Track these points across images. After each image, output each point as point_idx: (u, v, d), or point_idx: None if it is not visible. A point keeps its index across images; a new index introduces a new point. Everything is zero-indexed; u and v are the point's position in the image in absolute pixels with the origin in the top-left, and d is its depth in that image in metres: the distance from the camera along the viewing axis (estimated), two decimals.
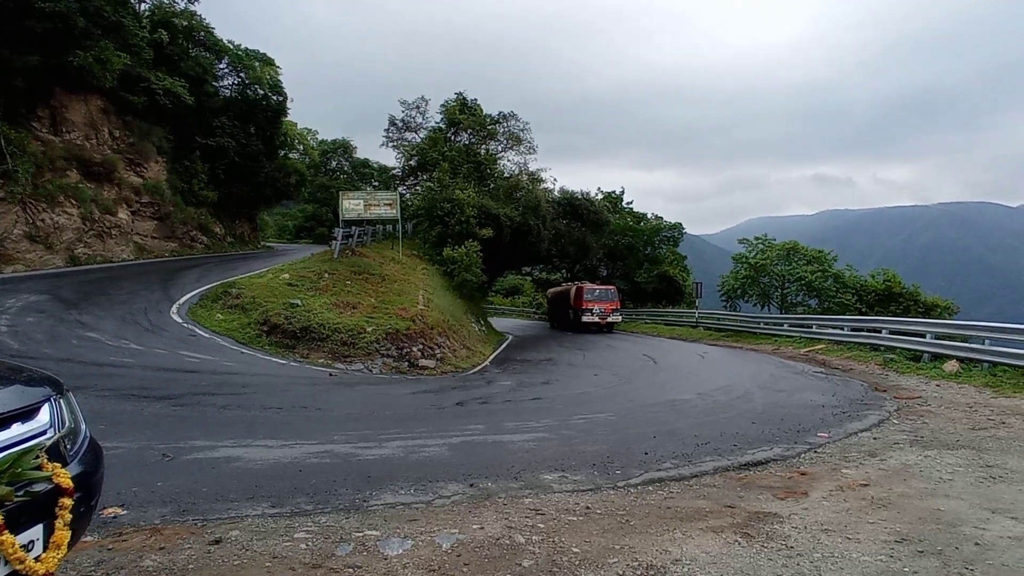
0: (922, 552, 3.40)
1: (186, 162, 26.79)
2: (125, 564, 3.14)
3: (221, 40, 29.80)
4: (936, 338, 13.25)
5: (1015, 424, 7.09)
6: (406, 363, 13.47)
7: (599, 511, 4.17)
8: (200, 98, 26.48)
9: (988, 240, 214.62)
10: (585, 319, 27.97)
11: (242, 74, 30.86)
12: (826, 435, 6.80)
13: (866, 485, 4.82)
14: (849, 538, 3.64)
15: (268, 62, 32.13)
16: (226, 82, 30.79)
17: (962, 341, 12.57)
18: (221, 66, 30.20)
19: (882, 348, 15.00)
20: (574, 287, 30.85)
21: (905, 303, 23.71)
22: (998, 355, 11.08)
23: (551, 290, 37.77)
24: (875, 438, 6.70)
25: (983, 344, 11.62)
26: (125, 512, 3.90)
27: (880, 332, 15.63)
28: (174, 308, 14.20)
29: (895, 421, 7.62)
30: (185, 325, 12.99)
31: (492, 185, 31.37)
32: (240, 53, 30.75)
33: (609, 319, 28.26)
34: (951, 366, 11.82)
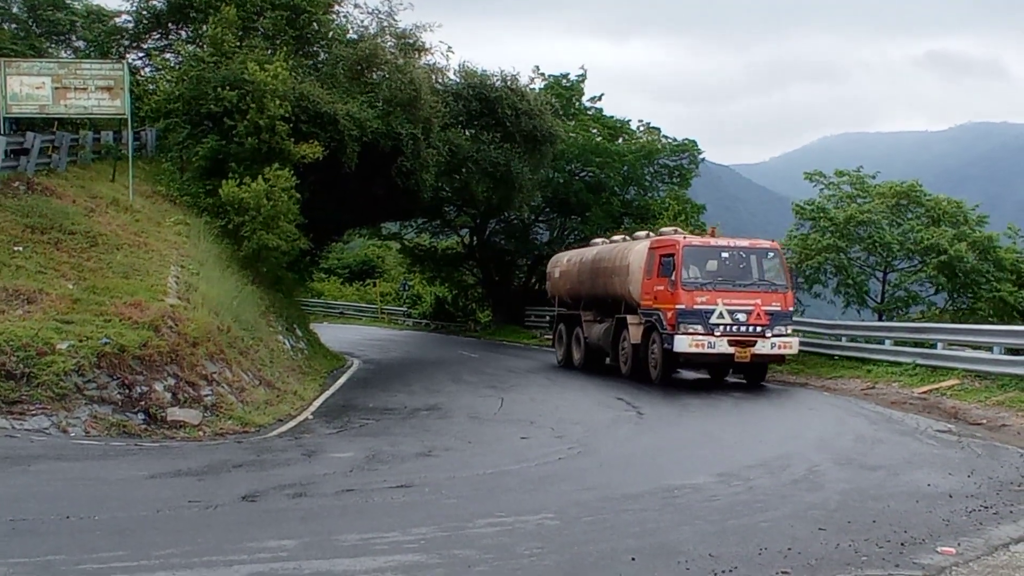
0: None
1: None
2: None
3: None
4: None
5: None
6: (140, 414, 13.27)
7: None
8: None
9: None
10: (689, 348, 18.27)
11: None
12: (952, 551, 7.19)
13: None
14: None
15: None
16: None
17: None
18: None
19: None
20: (636, 248, 21.91)
21: None
22: None
23: (565, 260, 28.73)
24: None
25: None
26: None
27: None
28: None
29: None
30: None
31: (324, 55, 31.01)
32: None
33: (765, 345, 18.55)
34: None
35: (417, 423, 16.07)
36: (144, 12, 32.54)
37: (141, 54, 32.44)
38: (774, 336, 17.36)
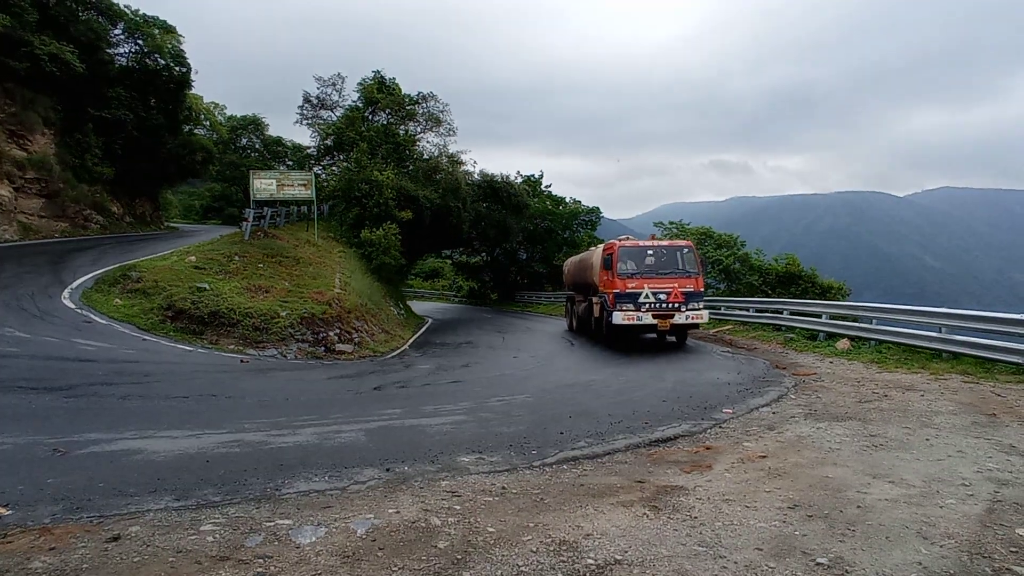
0: (811, 516, 3.72)
1: (78, 135, 24.55)
2: (11, 567, 2.91)
3: (116, 3, 27.41)
4: (830, 319, 14.28)
5: (896, 396, 7.78)
6: (322, 348, 13.14)
7: (515, 491, 4.28)
8: (93, 66, 24.24)
9: (876, 227, 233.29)
10: (622, 321, 14.29)
11: (140, 41, 28.54)
12: (731, 411, 7.24)
13: (764, 457, 5.19)
14: (747, 506, 3.92)
15: (169, 30, 29.85)
16: (122, 50, 28.38)
17: (853, 321, 13.67)
18: (116, 32, 27.79)
19: (784, 328, 16.04)
20: (598, 251, 17.64)
21: (804, 285, 25.36)
22: (883, 334, 12.10)
23: (570, 261, 24.16)
24: (774, 412, 7.20)
25: (871, 324, 12.68)
26: (10, 512, 3.61)
27: (782, 313, 16.68)
28: (66, 293, 13.11)
29: (792, 396, 8.19)
30: (79, 311, 12.03)
31: (411, 166, 30.88)
32: (137, 19, 28.41)
33: (681, 317, 14.42)
34: (843, 344, 12.83)
35: (460, 350, 16.04)
36: (321, 147, 32.43)
37: (320, 167, 32.31)
38: (688, 310, 14.48)
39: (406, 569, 2.96)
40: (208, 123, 44.87)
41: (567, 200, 46.48)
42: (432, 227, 28.91)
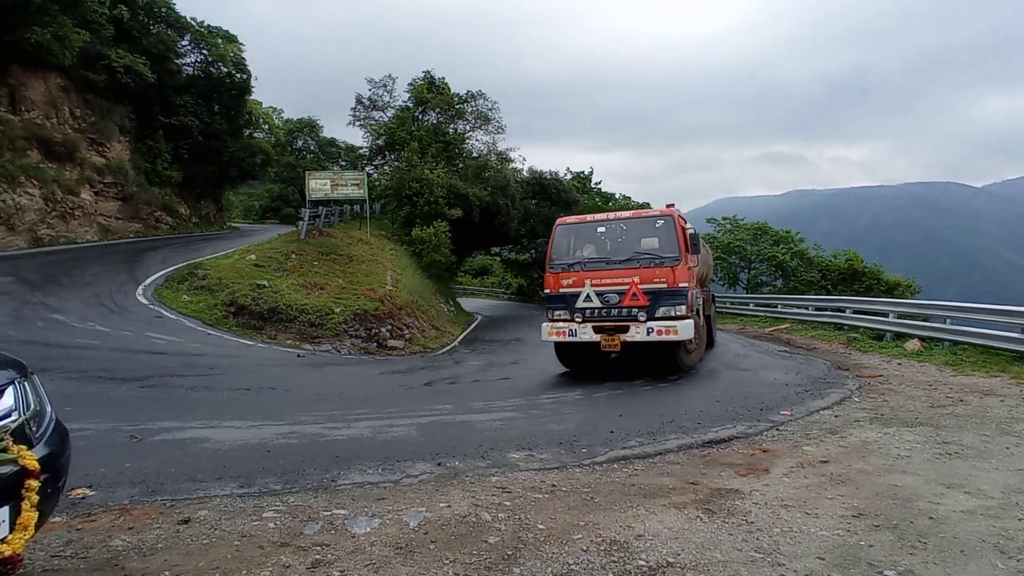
0: (878, 526, 3.52)
1: (149, 142, 26.06)
2: (94, 544, 3.13)
3: (183, 17, 28.84)
4: (898, 317, 13.58)
5: (972, 401, 7.32)
6: (374, 344, 13.45)
7: (564, 488, 4.26)
8: (162, 76, 25.65)
9: (952, 220, 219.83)
10: (550, 337, 9.74)
11: (204, 51, 29.94)
12: (788, 413, 6.98)
13: (826, 462, 4.98)
14: (808, 513, 3.76)
15: (231, 39, 31.17)
16: (188, 59, 29.85)
17: (924, 320, 12.94)
18: (183, 43, 29.25)
19: (846, 327, 15.37)
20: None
21: (868, 282, 24.27)
22: (959, 334, 11.36)
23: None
24: (836, 416, 6.90)
25: (944, 323, 11.93)
26: (93, 493, 3.88)
27: (844, 311, 16.01)
28: (139, 290, 13.89)
29: (856, 399, 7.82)
30: (151, 307, 12.73)
31: (461, 165, 31.21)
32: (202, 30, 29.81)
33: (638, 331, 9.04)
34: (913, 345, 12.16)
35: (509, 347, 16.08)
36: (373, 147, 33.16)
37: (372, 167, 33.08)
38: (654, 320, 8.83)
39: (457, 562, 3.00)
40: (266, 127, 46.55)
41: (617, 196, 45.97)
42: (481, 225, 29.13)
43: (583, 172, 44.76)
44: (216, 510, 3.67)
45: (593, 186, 45.11)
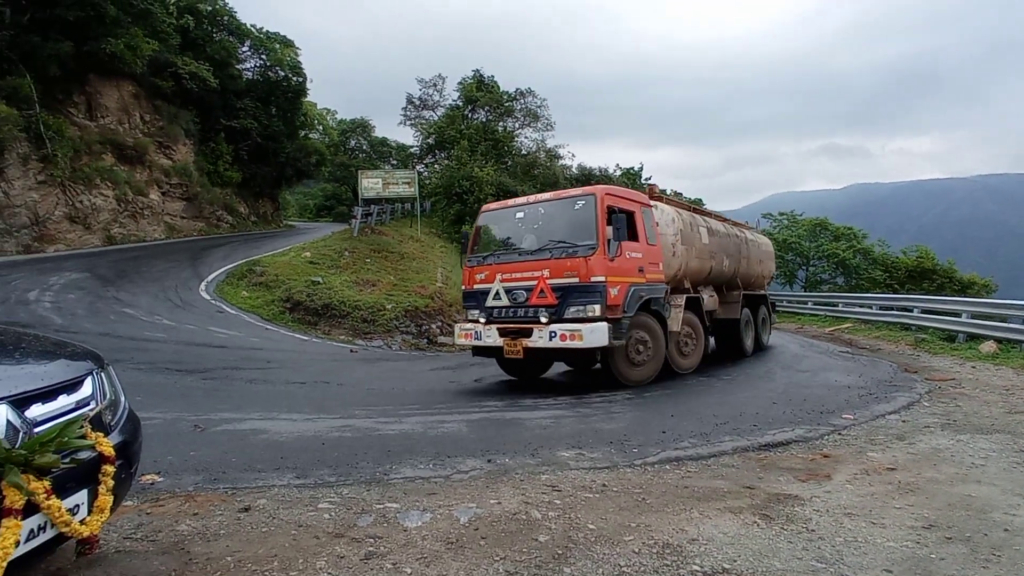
0: (950, 539, 3.33)
1: (211, 144, 27.27)
2: (162, 528, 3.29)
3: (244, 24, 30.01)
4: (972, 317, 12.84)
5: None
6: (425, 340, 13.62)
7: (615, 489, 4.20)
8: (224, 81, 26.81)
9: None
10: (460, 340, 8.69)
11: (263, 56, 31.10)
12: (851, 417, 6.68)
13: (893, 469, 4.74)
14: (874, 523, 3.59)
15: (288, 44, 32.23)
16: (248, 64, 31.13)
17: (1000, 321, 12.20)
18: (244, 49, 30.51)
19: (913, 328, 14.64)
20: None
21: (939, 280, 22.93)
22: None
23: None
24: (904, 421, 6.56)
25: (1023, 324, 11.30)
26: (161, 479, 4.09)
27: (911, 311, 15.23)
28: (202, 286, 14.53)
29: (926, 404, 7.43)
30: (213, 302, 13.30)
31: (510, 162, 31.31)
32: (261, 36, 30.95)
33: (541, 334, 7.45)
34: (988, 347, 11.49)
35: None
36: (423, 145, 33.62)
37: (422, 165, 33.56)
38: (560, 322, 7.38)
39: (507, 560, 3.00)
40: (321, 127, 47.89)
41: (668, 192, 45.15)
42: None
43: (632, 168, 44.24)
44: (274, 499, 3.78)
45: (644, 183, 44.47)
